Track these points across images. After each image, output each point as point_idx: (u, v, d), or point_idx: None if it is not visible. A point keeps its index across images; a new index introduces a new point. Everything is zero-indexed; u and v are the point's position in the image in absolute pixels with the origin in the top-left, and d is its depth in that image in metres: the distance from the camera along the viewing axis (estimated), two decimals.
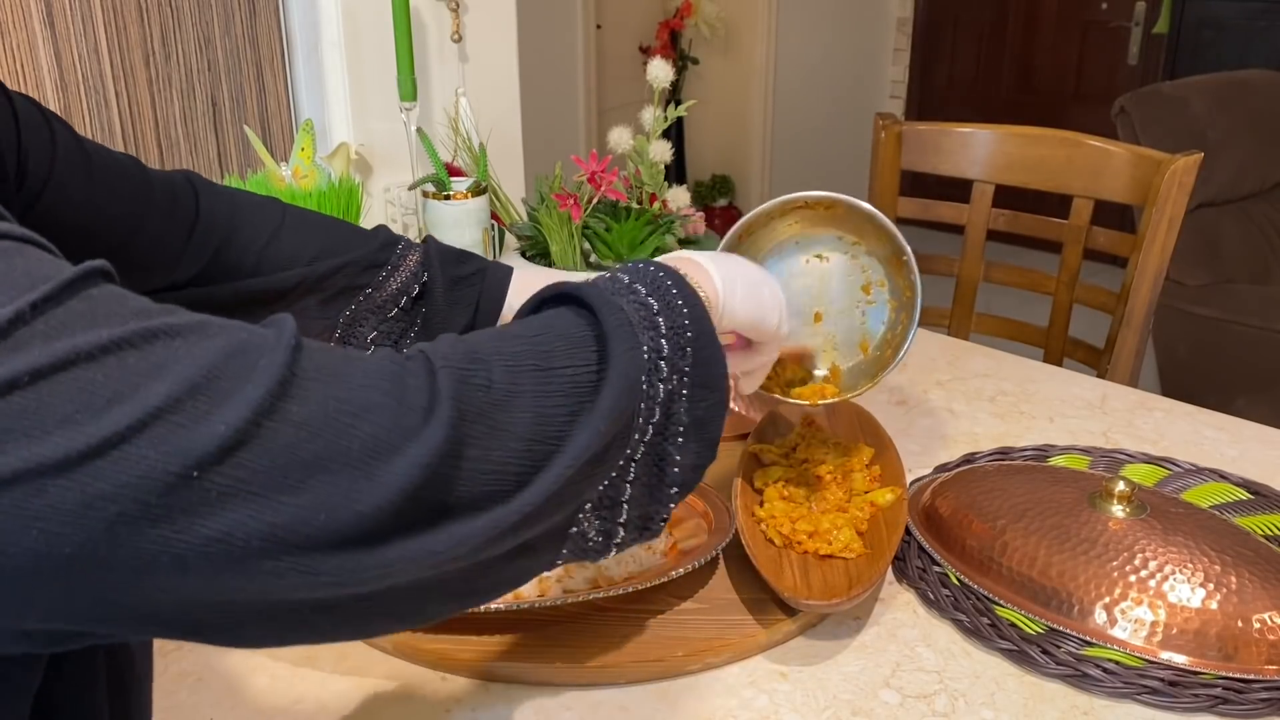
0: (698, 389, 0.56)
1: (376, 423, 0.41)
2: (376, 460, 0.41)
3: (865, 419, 1.02)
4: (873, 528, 0.86)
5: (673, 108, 1.34)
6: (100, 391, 0.36)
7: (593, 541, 0.54)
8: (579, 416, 0.49)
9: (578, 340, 0.51)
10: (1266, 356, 2.42)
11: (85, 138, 0.71)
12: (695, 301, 0.58)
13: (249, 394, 0.38)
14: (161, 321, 0.38)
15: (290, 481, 0.38)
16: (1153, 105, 2.52)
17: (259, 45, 1.50)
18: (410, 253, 0.86)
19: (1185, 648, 0.74)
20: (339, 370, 0.42)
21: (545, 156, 1.69)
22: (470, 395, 0.45)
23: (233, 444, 0.37)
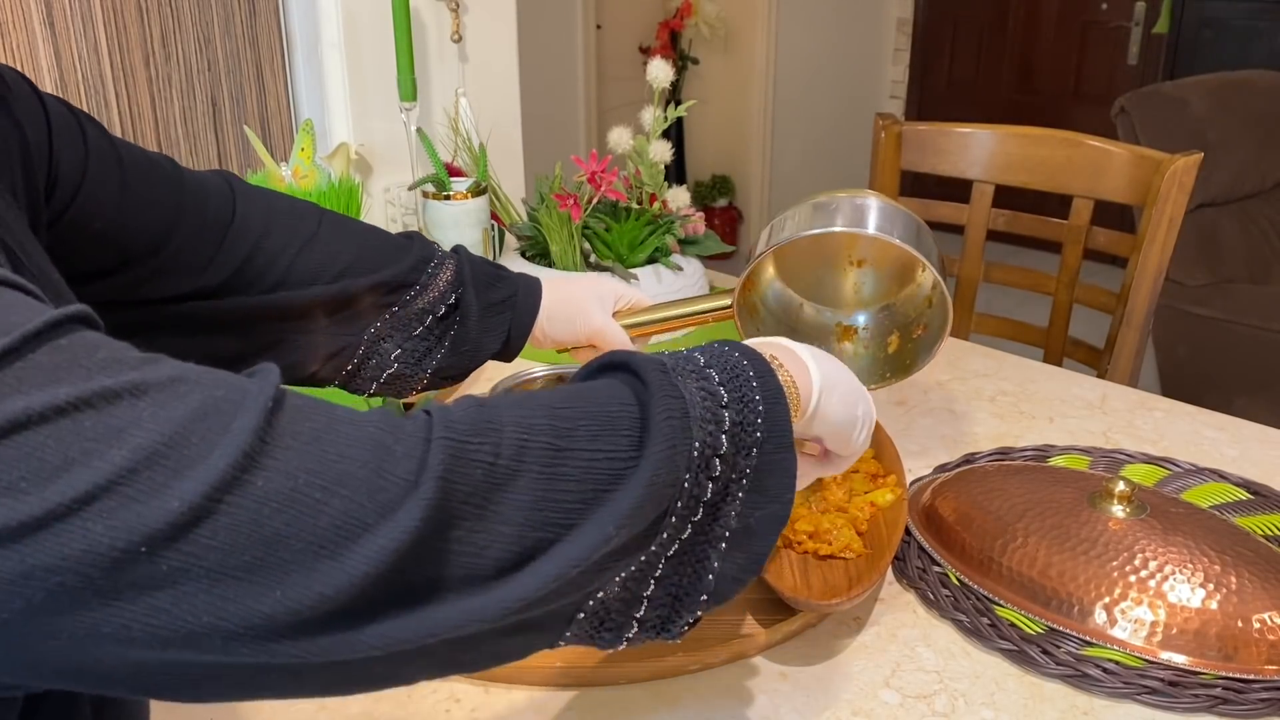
0: (755, 494, 0.51)
1: (349, 499, 0.38)
2: (344, 541, 0.38)
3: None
4: (873, 528, 0.86)
5: (673, 108, 1.34)
6: (50, 458, 0.34)
7: (602, 629, 0.49)
8: (591, 507, 0.44)
9: (613, 420, 0.46)
10: (1266, 356, 2.42)
11: (117, 138, 0.68)
12: (776, 399, 0.52)
13: (211, 466, 0.36)
14: (128, 379, 0.36)
15: (247, 560, 0.36)
16: (1153, 105, 2.52)
17: (259, 45, 1.50)
18: (442, 271, 0.82)
19: (1185, 648, 0.74)
20: (317, 437, 0.39)
21: (545, 156, 1.69)
22: (465, 472, 0.41)
23: (187, 521, 0.35)
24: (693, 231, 1.37)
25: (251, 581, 0.36)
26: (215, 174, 0.76)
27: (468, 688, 0.74)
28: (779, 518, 0.52)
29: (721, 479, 0.49)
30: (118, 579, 0.34)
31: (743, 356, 0.53)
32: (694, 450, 0.48)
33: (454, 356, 0.84)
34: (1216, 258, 2.54)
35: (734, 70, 4.05)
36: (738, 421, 0.50)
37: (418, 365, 0.83)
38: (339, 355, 0.80)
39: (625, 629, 0.50)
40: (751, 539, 0.52)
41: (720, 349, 0.54)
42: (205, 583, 0.36)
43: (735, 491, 0.50)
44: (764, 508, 0.51)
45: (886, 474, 0.92)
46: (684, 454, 0.47)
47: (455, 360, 0.84)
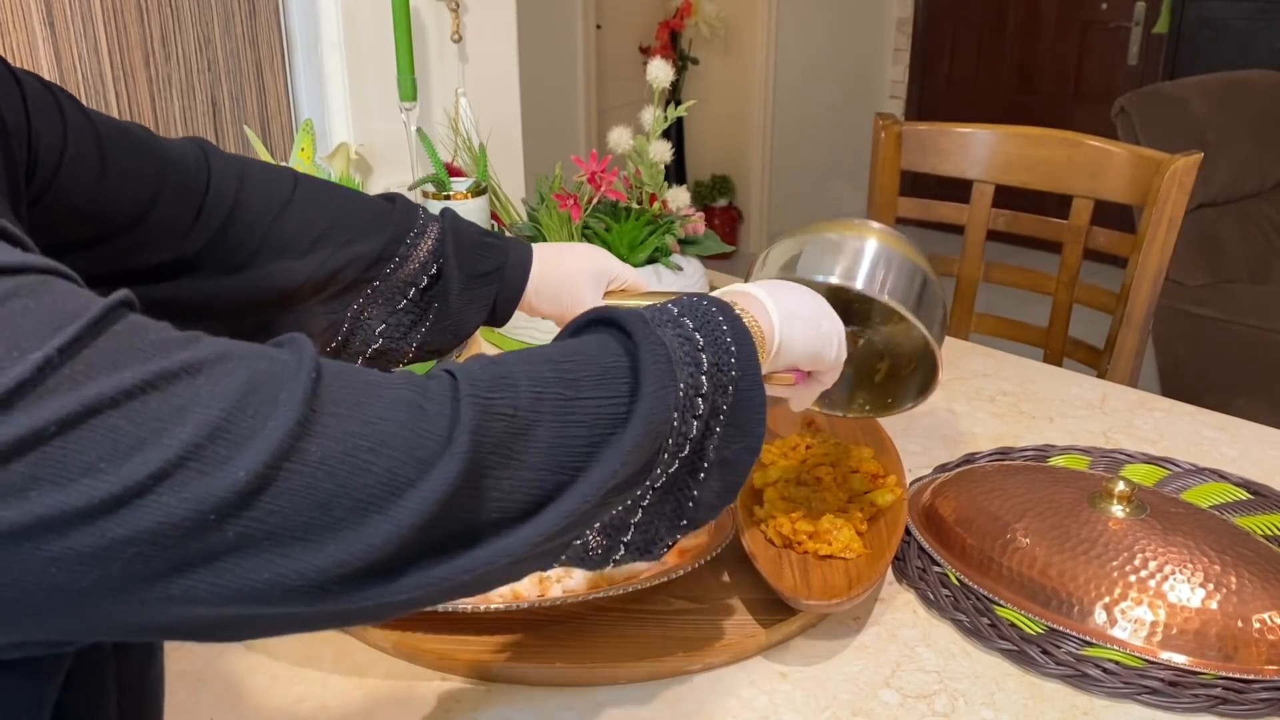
0: (731, 429, 0.55)
1: (392, 457, 0.41)
2: (392, 496, 0.41)
3: (865, 419, 1.02)
4: (873, 528, 0.86)
5: (673, 108, 1.34)
6: (124, 439, 0.36)
7: (592, 553, 0.54)
8: (599, 448, 0.48)
9: (609, 369, 0.51)
10: (1266, 356, 2.42)
11: (91, 110, 0.67)
12: (745, 340, 0.57)
13: (269, 436, 0.38)
14: (183, 359, 0.38)
15: (304, 520, 0.39)
16: (1153, 105, 2.52)
17: (259, 45, 1.50)
18: (423, 240, 0.81)
19: (1185, 648, 0.74)
20: (358, 401, 0.42)
21: (545, 156, 1.69)
22: (491, 425, 0.45)
23: (252, 489, 0.37)
24: (693, 231, 1.36)
25: (308, 540, 0.39)
26: (189, 141, 0.76)
27: (468, 688, 0.74)
28: (752, 450, 0.57)
29: (704, 415, 0.54)
30: (188, 547, 0.37)
31: (711, 304, 0.58)
32: (679, 390, 0.52)
33: (438, 330, 0.82)
34: (1216, 258, 2.54)
35: (734, 70, 4.05)
36: (714, 362, 0.55)
37: (403, 339, 0.82)
38: (324, 333, 0.79)
39: (613, 551, 0.55)
40: (727, 470, 0.56)
41: (689, 300, 0.59)
42: (268, 544, 0.38)
43: (714, 427, 0.55)
44: (739, 441, 0.56)
45: (886, 474, 0.92)
46: (672, 394, 0.51)
47: (440, 334, 0.82)
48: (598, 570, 0.55)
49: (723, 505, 0.58)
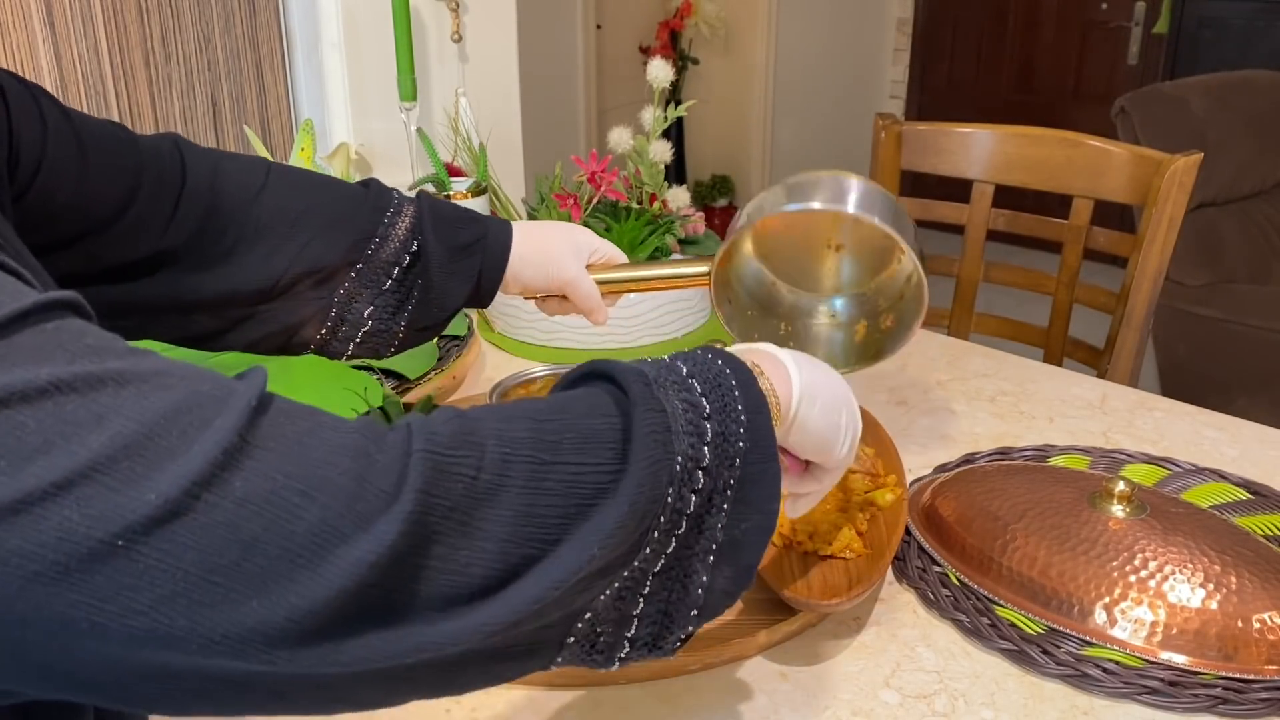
0: (740, 506, 0.50)
1: (327, 506, 0.37)
2: (320, 550, 0.37)
3: (865, 419, 1.02)
4: (873, 528, 0.86)
5: (673, 108, 1.34)
6: (29, 438, 0.33)
7: (595, 651, 0.48)
8: (575, 523, 0.43)
9: (596, 433, 0.46)
10: (1266, 356, 2.42)
11: (70, 108, 0.68)
12: (759, 409, 0.51)
13: (190, 460, 0.35)
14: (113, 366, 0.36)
15: (223, 563, 0.35)
16: (1153, 105, 2.51)
17: (259, 45, 1.50)
18: (400, 218, 0.81)
19: (1185, 648, 0.74)
20: (300, 440, 0.38)
21: (545, 156, 1.69)
22: (446, 486, 0.40)
23: (163, 516, 0.34)
24: (693, 231, 1.37)
25: (228, 587, 0.35)
26: (163, 137, 0.76)
27: None
28: (765, 529, 0.52)
29: (705, 491, 0.49)
30: (93, 571, 0.34)
31: (725, 364, 0.53)
32: (676, 464, 0.47)
33: (424, 306, 0.82)
34: (1216, 258, 2.54)
35: (734, 70, 4.05)
36: (720, 432, 0.49)
37: (391, 319, 0.82)
38: (312, 320, 0.79)
39: (617, 649, 0.49)
40: (739, 551, 0.51)
41: (703, 356, 0.53)
42: (182, 585, 0.35)
43: (720, 504, 0.50)
44: (749, 519, 0.51)
45: (886, 474, 0.92)
46: (666, 469, 0.46)
47: (426, 310, 0.82)
48: (603, 670, 0.49)
49: (738, 592, 0.52)
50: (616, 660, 0.49)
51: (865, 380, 1.21)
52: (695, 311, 1.32)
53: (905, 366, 1.25)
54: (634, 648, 0.50)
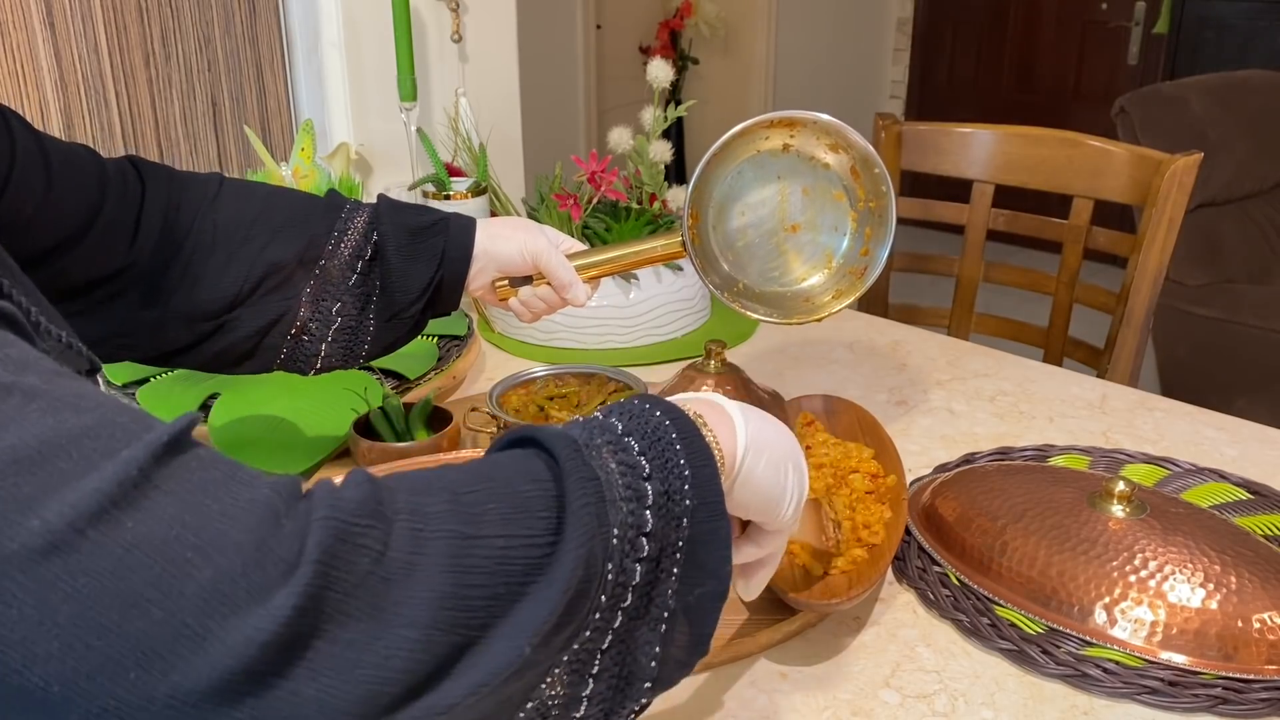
0: (691, 569, 0.47)
1: (220, 567, 0.33)
2: (210, 617, 0.32)
3: (865, 419, 1.02)
4: (873, 528, 0.86)
5: (673, 108, 1.34)
6: None
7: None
8: (505, 605, 0.39)
9: (525, 504, 0.41)
10: (1266, 356, 2.42)
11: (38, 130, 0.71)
12: (705, 463, 0.48)
13: (82, 489, 0.31)
14: (28, 380, 0.33)
15: (103, 621, 0.31)
16: (1153, 105, 2.51)
17: (259, 45, 1.50)
18: (357, 214, 0.82)
19: (1185, 648, 0.74)
20: (205, 489, 0.34)
21: (545, 156, 1.69)
22: (349, 559, 0.35)
23: (42, 550, 0.30)
24: None
25: (105, 652, 0.31)
26: (122, 158, 0.78)
27: None
28: (718, 594, 0.48)
29: (651, 557, 0.45)
30: None
31: (665, 415, 0.49)
32: (613, 538, 0.43)
33: (387, 294, 0.82)
34: (1216, 258, 2.54)
35: (734, 70, 4.05)
36: (663, 492, 0.46)
37: (360, 315, 0.82)
38: (280, 322, 0.80)
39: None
40: (693, 618, 0.48)
41: (639, 408, 0.49)
42: (55, 644, 0.30)
43: (669, 568, 0.46)
44: (702, 584, 0.48)
45: (886, 474, 0.92)
46: (602, 543, 0.43)
47: (390, 298, 0.82)
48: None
49: (693, 661, 0.50)
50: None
51: (865, 380, 1.21)
52: (695, 312, 1.32)
53: (905, 366, 1.25)
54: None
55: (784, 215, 0.96)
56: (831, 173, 0.94)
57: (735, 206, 0.96)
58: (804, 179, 0.95)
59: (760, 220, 0.96)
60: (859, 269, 0.95)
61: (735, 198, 0.95)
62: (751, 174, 0.94)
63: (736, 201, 0.95)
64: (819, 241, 0.96)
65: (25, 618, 0.30)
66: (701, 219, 0.95)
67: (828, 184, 0.95)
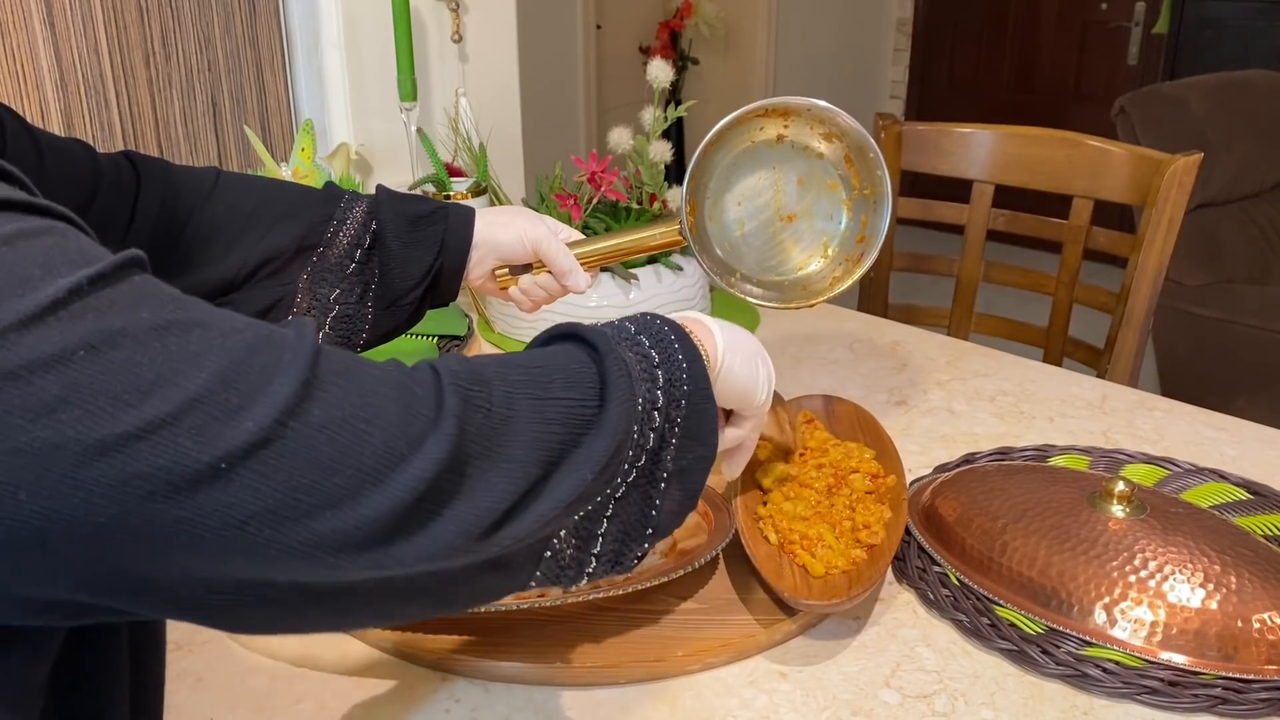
0: (686, 440, 0.58)
1: (387, 430, 0.43)
2: (385, 468, 0.42)
3: (865, 419, 1.02)
4: (873, 529, 0.86)
5: (673, 108, 1.34)
6: (146, 374, 0.37)
7: (566, 568, 0.55)
8: (573, 448, 0.50)
9: (578, 377, 0.53)
10: (1266, 356, 2.42)
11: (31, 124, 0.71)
12: (696, 358, 0.60)
13: (275, 391, 0.40)
14: (193, 314, 0.40)
15: (306, 482, 0.40)
16: (1153, 105, 2.51)
17: (259, 45, 1.50)
18: (356, 204, 0.85)
19: (1185, 648, 0.74)
20: (354, 374, 0.43)
21: (545, 156, 1.69)
22: (472, 415, 0.46)
23: (260, 442, 0.39)
24: None
25: (309, 504, 0.40)
26: (118, 152, 0.79)
27: (468, 687, 0.74)
28: (706, 458, 0.60)
29: (659, 428, 0.56)
30: (198, 490, 0.38)
31: (664, 324, 0.61)
32: (638, 404, 0.54)
33: (386, 280, 0.84)
34: (1216, 258, 2.54)
35: (734, 70, 4.05)
36: (669, 379, 0.57)
37: (359, 302, 0.84)
38: (277, 307, 0.81)
39: (585, 564, 0.55)
40: (685, 478, 0.59)
41: (645, 318, 0.62)
42: (270, 502, 0.39)
43: (670, 439, 0.57)
44: (694, 450, 0.59)
45: (886, 474, 0.92)
46: (632, 407, 0.54)
47: (388, 285, 0.84)
48: (573, 587, 0.56)
49: (684, 513, 0.60)
50: (585, 575, 0.56)
51: (865, 380, 1.21)
52: (695, 310, 1.32)
53: (905, 366, 1.25)
54: (599, 563, 0.56)
55: (780, 205, 0.96)
56: (826, 162, 0.95)
57: (731, 197, 0.96)
58: (799, 169, 0.96)
59: (757, 210, 0.96)
60: (855, 255, 0.95)
61: (731, 189, 0.96)
62: (747, 165, 0.95)
63: (732, 192, 0.96)
64: (816, 229, 0.97)
65: (246, 488, 0.39)
66: (699, 210, 0.95)
67: (822, 173, 0.95)
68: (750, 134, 0.94)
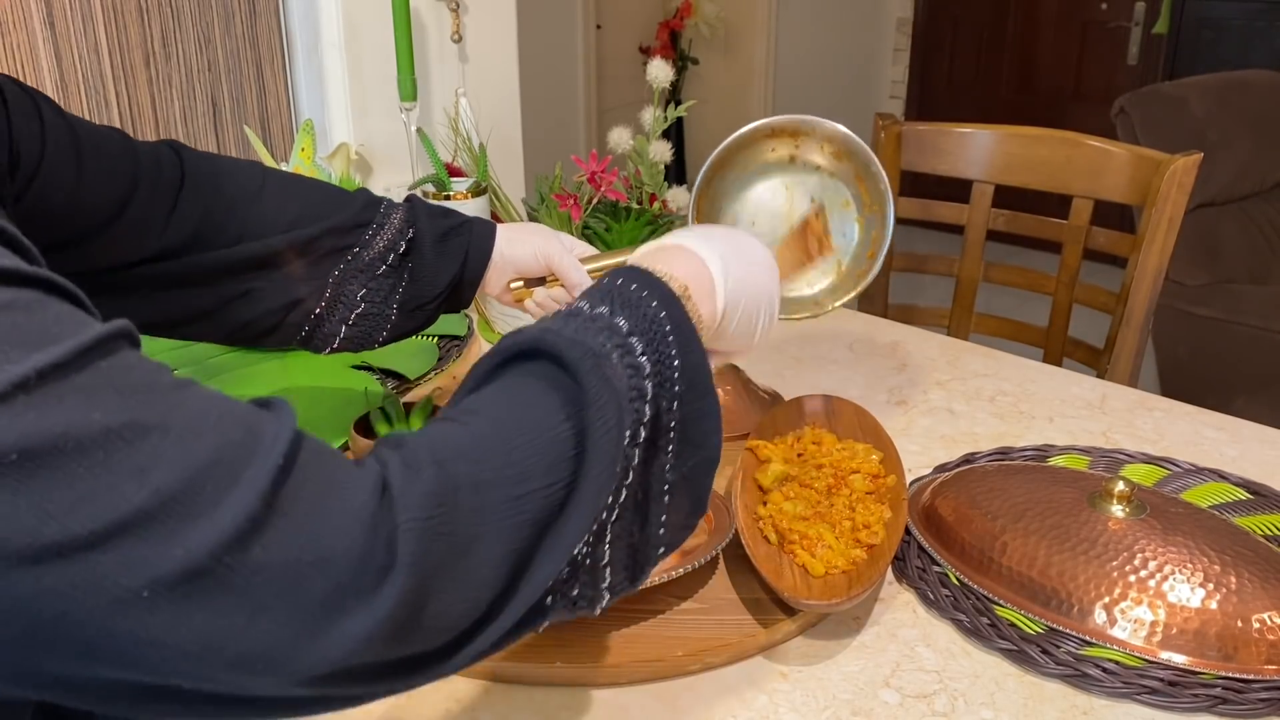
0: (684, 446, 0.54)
1: (333, 579, 0.39)
2: (325, 619, 0.39)
3: (865, 419, 1.02)
4: (872, 529, 0.86)
5: (673, 108, 1.34)
6: (79, 487, 0.34)
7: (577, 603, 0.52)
8: (546, 536, 0.47)
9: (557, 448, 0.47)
10: (1266, 356, 2.42)
11: (69, 113, 0.70)
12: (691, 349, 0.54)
13: (217, 523, 0.36)
14: (159, 414, 0.37)
15: (236, 621, 0.37)
16: (1153, 105, 2.51)
17: (259, 45, 1.50)
18: (395, 211, 0.86)
19: (1185, 648, 0.74)
20: (313, 508, 0.39)
21: (545, 156, 1.69)
22: (432, 547, 0.42)
23: (190, 573, 0.36)
24: None
25: (234, 651, 0.37)
26: (161, 142, 0.79)
27: (468, 687, 0.74)
28: (710, 460, 0.55)
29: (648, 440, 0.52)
30: (116, 614, 0.35)
31: (660, 307, 0.55)
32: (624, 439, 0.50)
33: (415, 285, 0.86)
34: (1216, 258, 2.54)
35: (734, 70, 4.05)
36: (659, 383, 0.52)
37: (384, 303, 0.85)
38: (305, 301, 0.82)
39: (598, 599, 0.52)
40: (690, 486, 0.55)
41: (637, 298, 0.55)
42: (191, 638, 0.36)
43: (665, 446, 0.53)
44: (694, 456, 0.55)
45: (886, 474, 0.92)
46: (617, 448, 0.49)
47: (417, 290, 0.86)
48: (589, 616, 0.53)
49: (694, 523, 0.56)
50: (599, 609, 0.52)
51: (865, 380, 1.21)
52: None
53: (905, 366, 1.25)
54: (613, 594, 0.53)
55: (794, 223, 0.97)
56: (838, 181, 0.96)
57: (746, 216, 0.98)
58: (812, 187, 0.97)
59: (772, 230, 0.98)
60: (863, 271, 0.96)
61: (746, 208, 0.97)
62: (761, 184, 0.97)
63: (747, 211, 0.97)
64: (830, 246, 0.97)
65: (166, 622, 0.36)
66: None
67: (835, 192, 0.96)
68: (763, 154, 0.96)
